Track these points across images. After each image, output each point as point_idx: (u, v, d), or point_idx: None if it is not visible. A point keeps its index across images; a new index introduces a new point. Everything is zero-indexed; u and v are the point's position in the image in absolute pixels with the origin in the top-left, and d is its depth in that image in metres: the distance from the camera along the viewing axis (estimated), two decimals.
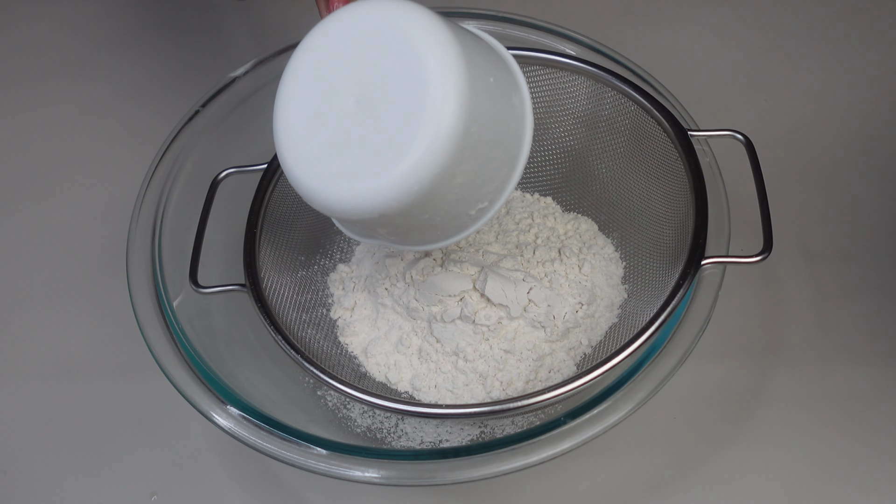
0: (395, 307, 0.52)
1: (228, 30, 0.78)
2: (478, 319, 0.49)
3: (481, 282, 0.50)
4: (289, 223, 0.55)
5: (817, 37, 0.74)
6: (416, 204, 0.38)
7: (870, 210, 0.62)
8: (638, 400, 0.43)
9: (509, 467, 0.42)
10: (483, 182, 0.40)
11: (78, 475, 0.53)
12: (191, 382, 0.46)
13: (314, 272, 0.56)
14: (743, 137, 0.50)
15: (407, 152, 0.36)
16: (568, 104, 0.56)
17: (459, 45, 0.37)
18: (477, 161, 0.39)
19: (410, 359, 0.51)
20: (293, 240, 0.56)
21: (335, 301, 0.55)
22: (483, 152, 0.39)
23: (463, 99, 0.36)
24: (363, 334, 0.53)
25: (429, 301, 0.50)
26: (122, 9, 0.81)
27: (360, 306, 0.53)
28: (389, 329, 0.52)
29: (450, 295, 0.50)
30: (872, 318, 0.57)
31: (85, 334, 0.59)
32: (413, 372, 0.51)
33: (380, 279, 0.53)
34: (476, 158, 0.38)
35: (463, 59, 0.36)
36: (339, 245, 0.58)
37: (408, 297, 0.51)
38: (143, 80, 0.75)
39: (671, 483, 0.51)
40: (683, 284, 0.45)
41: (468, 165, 0.38)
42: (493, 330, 0.50)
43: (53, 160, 0.70)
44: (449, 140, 0.36)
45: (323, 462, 0.43)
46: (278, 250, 0.53)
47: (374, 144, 0.37)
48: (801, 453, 0.51)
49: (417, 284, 0.51)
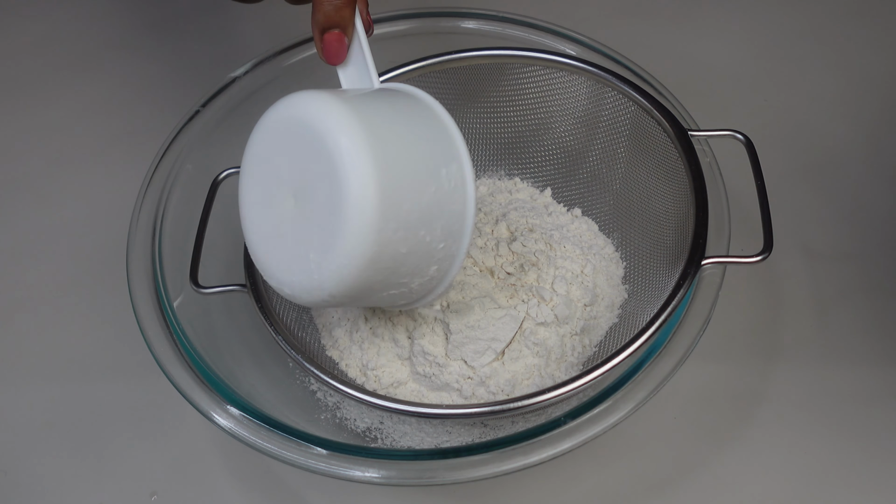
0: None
1: (229, 30, 0.78)
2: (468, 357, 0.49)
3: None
4: None
5: (818, 37, 0.74)
6: (363, 284, 0.39)
7: (870, 210, 0.62)
8: (638, 400, 0.43)
9: (509, 467, 0.42)
10: (426, 255, 0.41)
11: (78, 475, 0.53)
12: (191, 382, 0.46)
13: None
14: (743, 137, 0.50)
15: (334, 247, 0.38)
16: (568, 104, 0.56)
17: (368, 141, 0.38)
18: (412, 240, 0.40)
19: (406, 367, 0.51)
20: None
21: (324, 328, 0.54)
22: (414, 230, 0.40)
23: (375, 198, 0.37)
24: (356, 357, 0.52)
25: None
26: (122, 9, 0.81)
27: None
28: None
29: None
30: (872, 318, 0.57)
31: (85, 334, 0.59)
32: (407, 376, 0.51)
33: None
34: (408, 239, 0.39)
35: (371, 154, 0.37)
36: None
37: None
38: (143, 80, 0.75)
39: (671, 483, 0.51)
40: (684, 284, 0.45)
41: (401, 246, 0.39)
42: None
43: (53, 160, 0.70)
44: (371, 230, 0.37)
45: (323, 462, 0.43)
46: None
47: (312, 237, 0.39)
48: (801, 453, 0.51)
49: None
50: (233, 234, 0.52)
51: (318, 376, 0.46)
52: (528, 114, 0.57)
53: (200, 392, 0.46)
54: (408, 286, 0.42)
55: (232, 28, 0.79)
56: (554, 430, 0.42)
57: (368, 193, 0.37)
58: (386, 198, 0.37)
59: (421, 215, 0.40)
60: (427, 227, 0.40)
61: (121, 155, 0.69)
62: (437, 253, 0.42)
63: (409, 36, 0.61)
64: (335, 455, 0.43)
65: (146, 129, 0.70)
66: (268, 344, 0.53)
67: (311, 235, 0.39)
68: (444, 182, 0.41)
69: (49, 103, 0.74)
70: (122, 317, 0.56)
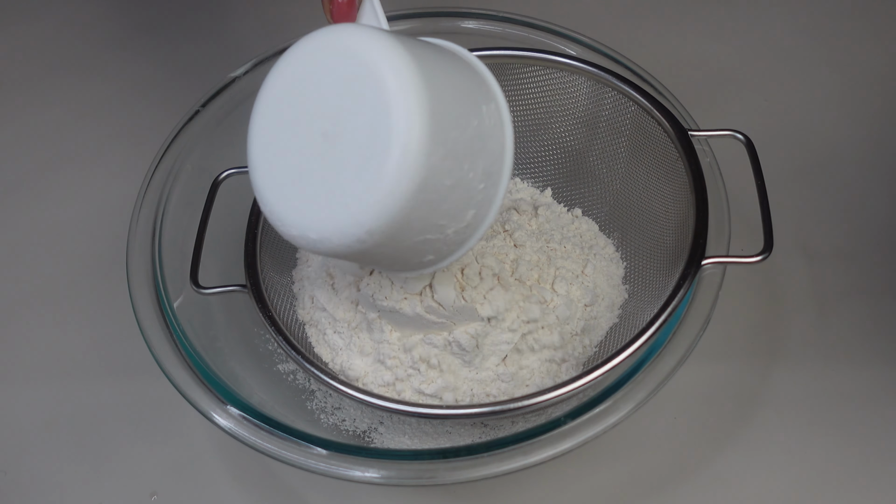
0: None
1: (229, 30, 0.78)
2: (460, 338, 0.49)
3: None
4: None
5: (817, 36, 0.74)
6: (404, 219, 0.37)
7: (870, 210, 0.62)
8: (638, 400, 0.43)
9: (509, 467, 0.42)
10: (466, 195, 0.40)
11: (78, 475, 0.53)
12: (191, 382, 0.46)
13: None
14: (743, 137, 0.50)
15: (382, 171, 0.36)
16: (568, 104, 0.56)
17: (417, 65, 0.36)
18: (457, 172, 0.38)
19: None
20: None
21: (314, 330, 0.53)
22: (457, 165, 0.38)
23: (426, 117, 0.36)
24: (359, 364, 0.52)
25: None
26: (122, 9, 0.81)
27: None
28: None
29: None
30: (872, 318, 0.57)
31: (85, 334, 0.59)
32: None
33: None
34: (451, 173, 0.38)
35: (421, 76, 0.36)
36: None
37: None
38: (143, 80, 0.75)
39: (671, 483, 0.51)
40: (684, 285, 0.45)
41: (446, 178, 0.38)
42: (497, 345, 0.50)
43: (53, 160, 0.70)
44: (421, 151, 0.36)
45: (323, 462, 0.43)
46: (278, 251, 0.53)
47: (346, 174, 0.37)
48: (801, 453, 0.51)
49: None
50: (233, 234, 0.52)
51: (318, 376, 0.46)
52: (528, 114, 0.57)
53: (200, 392, 0.46)
54: (444, 231, 0.40)
55: (232, 28, 0.79)
56: (554, 430, 0.42)
57: (419, 112, 0.35)
58: (435, 121, 0.36)
59: (466, 146, 0.38)
60: (471, 162, 0.39)
61: (121, 155, 0.69)
62: (477, 194, 0.40)
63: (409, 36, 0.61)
64: (335, 455, 0.43)
65: (146, 129, 0.70)
66: (268, 344, 0.53)
67: (347, 167, 0.37)
68: (486, 118, 0.40)
69: (49, 103, 0.74)
70: (122, 317, 0.56)
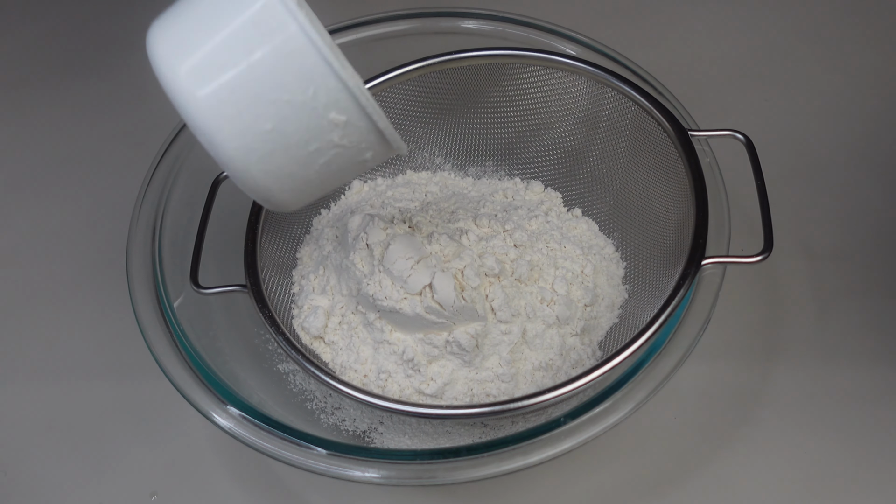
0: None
1: None
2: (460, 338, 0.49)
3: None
4: (289, 223, 0.55)
5: (817, 36, 0.74)
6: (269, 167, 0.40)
7: (870, 210, 0.62)
8: (638, 400, 0.43)
9: (509, 467, 0.42)
10: (306, 113, 0.38)
11: (78, 475, 0.53)
12: (191, 382, 0.46)
13: None
14: (743, 137, 0.50)
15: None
16: (568, 104, 0.56)
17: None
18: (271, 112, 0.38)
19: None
20: (293, 240, 0.56)
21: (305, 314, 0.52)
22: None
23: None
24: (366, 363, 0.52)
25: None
26: (122, 9, 0.81)
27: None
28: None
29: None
30: (872, 318, 0.57)
31: (85, 334, 0.59)
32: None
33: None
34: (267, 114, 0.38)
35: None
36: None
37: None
38: (143, 80, 0.75)
39: (671, 483, 0.51)
40: (684, 285, 0.45)
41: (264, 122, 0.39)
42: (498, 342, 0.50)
43: (53, 160, 0.70)
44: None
45: (323, 462, 0.43)
46: (278, 251, 0.53)
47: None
48: (801, 453, 0.51)
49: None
50: (233, 234, 0.52)
51: (318, 377, 0.46)
52: (528, 114, 0.58)
53: (200, 392, 0.46)
54: (333, 143, 0.38)
55: None
56: (554, 430, 0.42)
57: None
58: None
59: (246, 80, 0.37)
60: (270, 88, 0.37)
61: (121, 155, 0.69)
62: (318, 101, 0.37)
63: (409, 36, 0.61)
64: (335, 455, 0.43)
65: (146, 129, 0.70)
66: (268, 344, 0.53)
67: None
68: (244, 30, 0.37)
69: (49, 103, 0.74)
70: (122, 317, 0.56)
